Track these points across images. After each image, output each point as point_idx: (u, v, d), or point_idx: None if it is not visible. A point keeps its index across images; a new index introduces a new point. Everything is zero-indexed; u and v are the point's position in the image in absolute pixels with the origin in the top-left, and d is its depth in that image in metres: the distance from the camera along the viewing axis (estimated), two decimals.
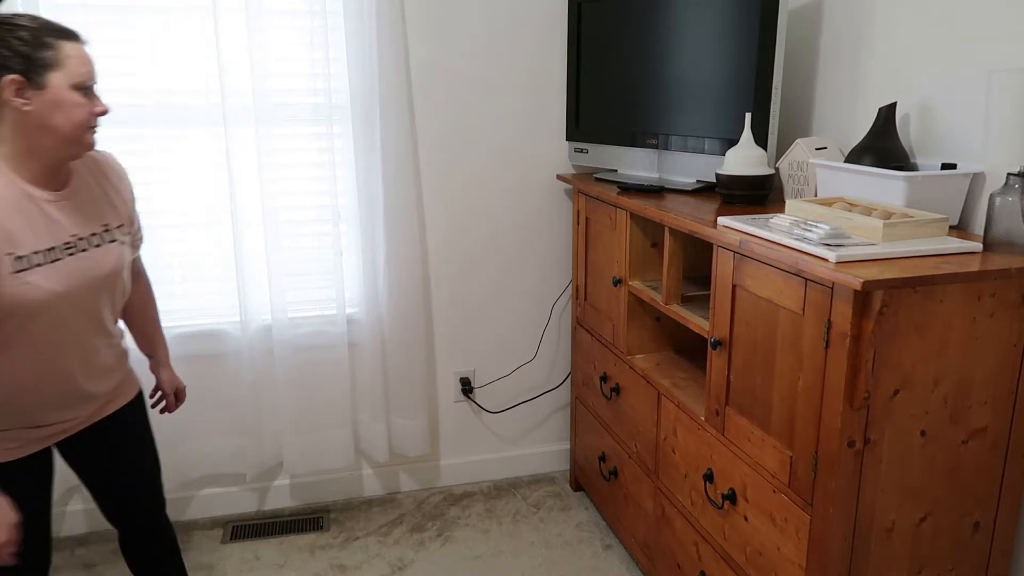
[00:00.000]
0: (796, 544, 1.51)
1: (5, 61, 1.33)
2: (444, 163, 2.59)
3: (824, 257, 1.37)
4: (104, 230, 1.53)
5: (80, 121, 1.40)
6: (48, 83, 1.36)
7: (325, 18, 2.34)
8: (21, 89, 1.34)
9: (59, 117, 1.38)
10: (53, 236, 1.42)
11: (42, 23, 1.39)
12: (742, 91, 2.01)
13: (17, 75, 1.33)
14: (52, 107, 1.37)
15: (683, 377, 2.06)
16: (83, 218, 1.49)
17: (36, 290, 1.39)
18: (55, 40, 1.38)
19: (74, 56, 1.39)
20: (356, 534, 2.56)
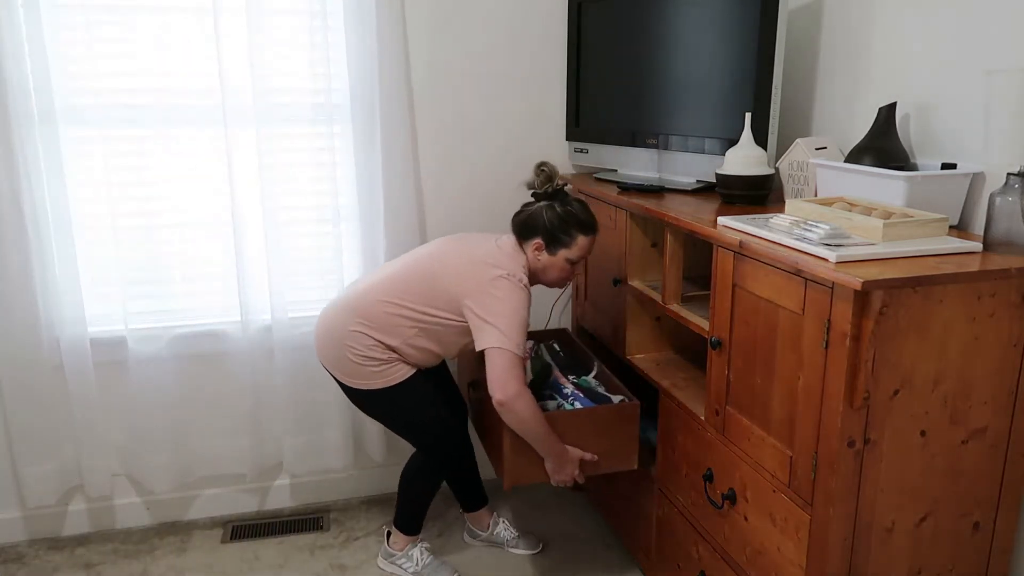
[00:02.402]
0: (796, 544, 1.51)
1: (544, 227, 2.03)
2: (444, 163, 2.59)
3: (824, 257, 1.37)
4: None
5: (561, 278, 2.11)
6: (556, 253, 2.05)
7: (325, 18, 2.34)
8: (540, 248, 2.05)
9: (551, 271, 2.08)
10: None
11: (576, 214, 2.03)
12: (742, 91, 2.00)
13: (542, 239, 2.04)
14: (549, 265, 2.06)
15: (683, 377, 2.06)
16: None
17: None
18: (576, 231, 2.03)
19: (581, 245, 2.04)
20: (356, 534, 2.56)
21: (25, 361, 2.31)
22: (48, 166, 2.22)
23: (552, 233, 2.02)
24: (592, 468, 2.02)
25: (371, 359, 2.04)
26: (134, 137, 2.31)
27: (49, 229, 2.25)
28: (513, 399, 1.87)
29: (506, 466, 2.00)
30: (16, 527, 2.51)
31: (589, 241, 2.04)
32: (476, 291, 1.96)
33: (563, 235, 2.02)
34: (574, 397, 2.10)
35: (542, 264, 2.05)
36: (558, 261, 2.04)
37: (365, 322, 2.03)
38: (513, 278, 1.96)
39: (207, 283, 2.46)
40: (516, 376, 1.89)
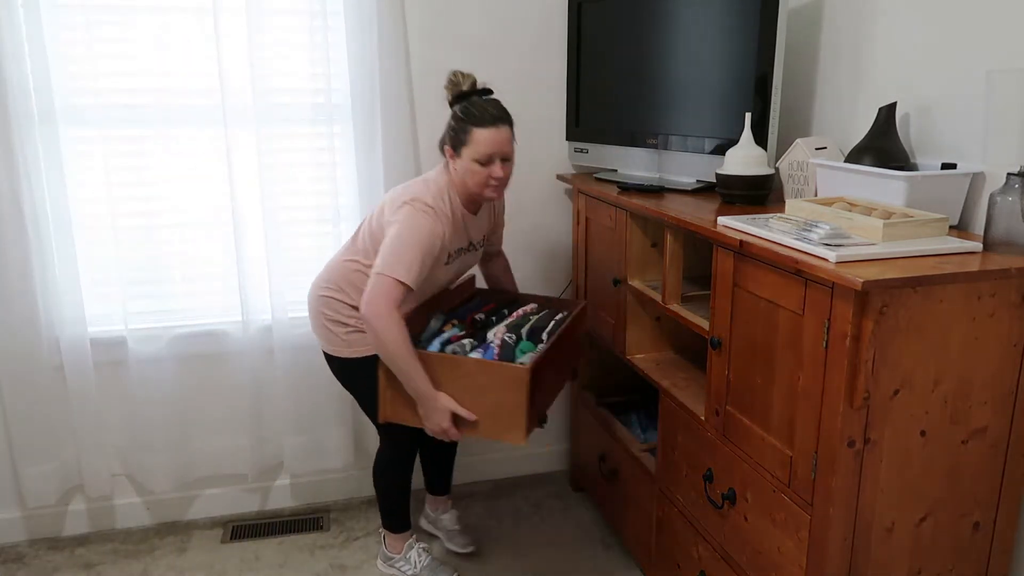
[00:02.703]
0: (796, 544, 1.51)
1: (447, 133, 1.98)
2: None
3: (824, 257, 1.37)
4: (480, 240, 2.15)
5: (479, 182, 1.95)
6: (462, 155, 1.95)
7: (325, 18, 2.34)
8: (451, 154, 1.97)
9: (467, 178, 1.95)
10: (463, 241, 2.06)
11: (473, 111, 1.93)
12: (742, 91, 2.00)
13: (449, 145, 1.97)
14: (463, 170, 1.95)
15: (683, 377, 2.05)
16: (476, 231, 2.11)
17: (444, 274, 2.06)
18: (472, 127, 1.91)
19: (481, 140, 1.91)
20: (356, 534, 2.56)
21: (25, 361, 2.31)
22: (48, 166, 2.22)
23: (452, 134, 1.95)
24: (471, 429, 1.89)
25: (341, 324, 2.06)
26: (134, 137, 2.31)
27: (49, 229, 2.25)
28: (374, 316, 1.82)
29: (380, 397, 1.95)
30: (16, 527, 2.51)
31: (489, 134, 1.90)
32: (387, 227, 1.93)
33: (461, 134, 1.93)
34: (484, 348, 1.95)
35: (459, 174, 1.96)
36: (466, 164, 1.94)
37: (332, 284, 2.06)
38: (416, 203, 1.91)
39: (207, 283, 2.46)
40: (388, 299, 1.83)
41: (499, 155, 1.93)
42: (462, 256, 2.10)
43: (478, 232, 2.12)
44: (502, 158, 1.94)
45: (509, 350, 1.94)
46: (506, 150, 1.94)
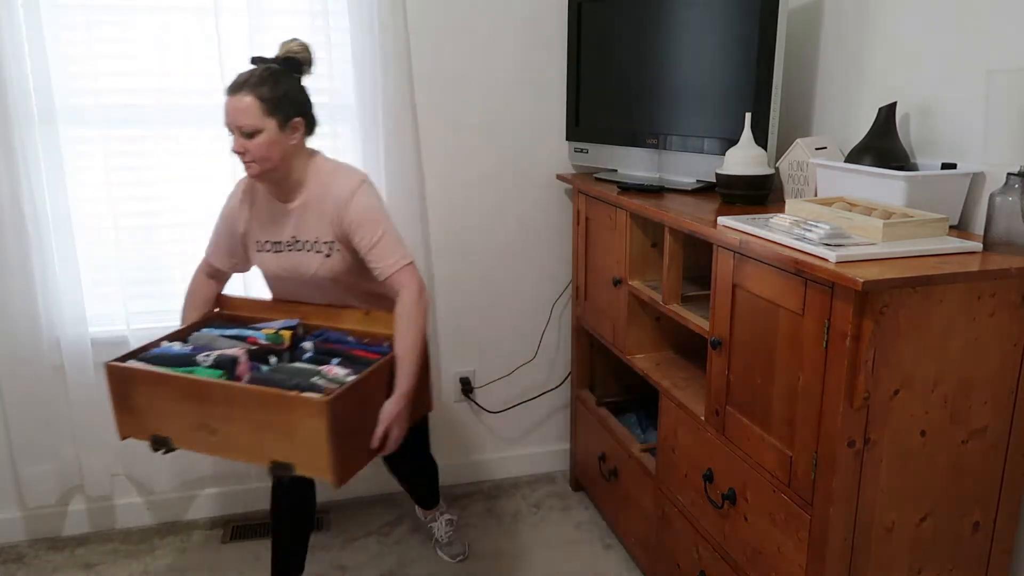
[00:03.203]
0: (796, 544, 1.51)
1: None
2: (445, 163, 2.59)
3: (824, 257, 1.37)
4: (314, 241, 1.89)
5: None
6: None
7: (327, 18, 2.34)
8: None
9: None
10: (280, 233, 1.91)
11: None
12: (742, 91, 2.00)
13: None
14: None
15: (683, 377, 2.06)
16: (303, 227, 1.89)
17: (263, 266, 1.96)
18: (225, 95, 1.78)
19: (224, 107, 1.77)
20: (356, 534, 2.56)
21: (25, 361, 2.31)
22: (48, 166, 2.22)
23: None
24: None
25: None
26: (134, 137, 2.31)
27: (49, 229, 2.25)
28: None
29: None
30: (16, 527, 2.51)
31: (226, 102, 1.76)
32: None
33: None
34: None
35: None
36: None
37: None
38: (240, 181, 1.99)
39: None
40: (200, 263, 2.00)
41: (234, 126, 1.76)
42: (284, 253, 1.91)
43: (297, 230, 1.89)
44: (241, 131, 1.75)
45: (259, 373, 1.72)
46: (241, 122, 1.74)
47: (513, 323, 2.78)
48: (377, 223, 1.84)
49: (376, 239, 1.83)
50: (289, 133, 1.80)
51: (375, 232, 1.83)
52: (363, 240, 1.83)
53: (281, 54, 1.83)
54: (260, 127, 1.75)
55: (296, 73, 1.84)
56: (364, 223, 1.83)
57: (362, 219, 1.83)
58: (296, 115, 1.80)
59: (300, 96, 1.83)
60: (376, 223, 1.84)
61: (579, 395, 2.67)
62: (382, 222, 1.85)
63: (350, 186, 1.84)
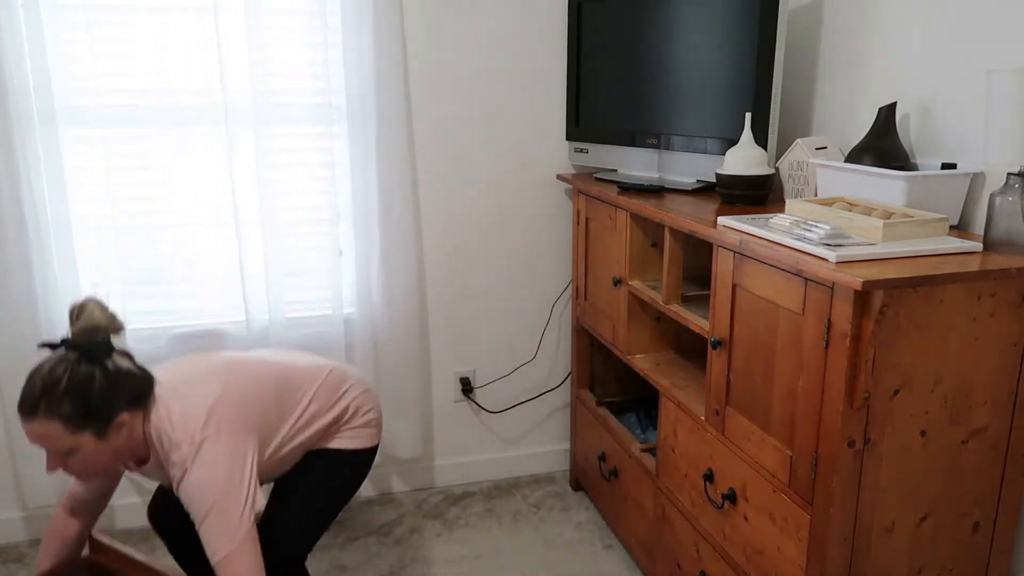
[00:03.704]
0: (796, 544, 1.51)
1: None
2: (443, 163, 2.59)
3: (824, 257, 1.37)
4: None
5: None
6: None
7: (324, 18, 2.34)
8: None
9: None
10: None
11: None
12: (742, 91, 2.01)
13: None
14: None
15: (683, 377, 2.06)
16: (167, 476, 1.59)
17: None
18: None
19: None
20: (356, 534, 2.56)
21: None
22: (48, 166, 2.22)
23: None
24: None
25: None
26: (134, 137, 2.31)
27: (49, 229, 2.25)
28: None
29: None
30: (16, 527, 2.51)
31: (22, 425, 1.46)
32: None
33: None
34: None
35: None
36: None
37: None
38: None
39: (207, 283, 2.46)
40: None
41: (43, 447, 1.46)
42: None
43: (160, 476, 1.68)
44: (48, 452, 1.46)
45: None
46: (48, 446, 1.45)
47: (513, 323, 2.78)
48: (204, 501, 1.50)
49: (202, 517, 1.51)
50: (115, 433, 1.49)
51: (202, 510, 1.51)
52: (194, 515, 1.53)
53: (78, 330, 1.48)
54: (73, 447, 1.45)
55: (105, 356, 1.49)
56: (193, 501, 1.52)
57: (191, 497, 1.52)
58: (118, 413, 1.48)
59: (116, 386, 1.48)
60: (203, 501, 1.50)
61: (579, 395, 2.67)
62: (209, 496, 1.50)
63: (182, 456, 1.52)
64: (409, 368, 2.61)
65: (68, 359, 1.45)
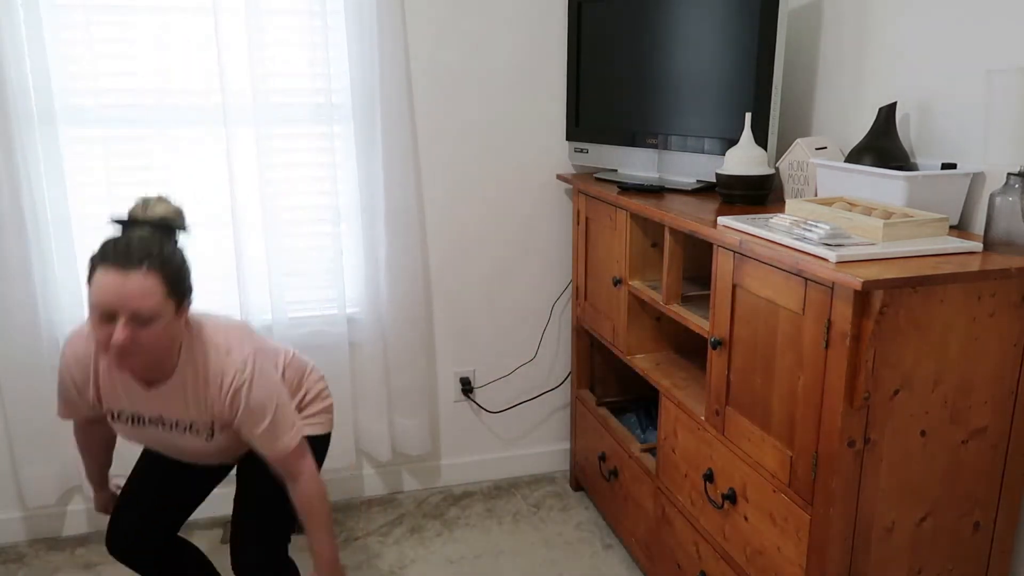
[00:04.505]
0: (796, 544, 1.51)
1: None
2: (444, 162, 2.59)
3: (824, 257, 1.37)
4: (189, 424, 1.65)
5: (99, 343, 1.46)
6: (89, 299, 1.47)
7: (325, 18, 2.34)
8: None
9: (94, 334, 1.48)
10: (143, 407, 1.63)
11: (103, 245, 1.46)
12: (742, 91, 2.00)
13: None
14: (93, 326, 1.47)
15: (683, 377, 2.06)
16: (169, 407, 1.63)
17: (127, 435, 1.71)
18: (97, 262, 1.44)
19: (97, 283, 1.43)
20: (356, 534, 2.56)
21: (25, 361, 2.31)
22: (48, 166, 2.22)
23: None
24: None
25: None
26: (134, 137, 2.31)
27: (49, 229, 2.25)
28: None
29: None
30: (16, 527, 2.51)
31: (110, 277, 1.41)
32: None
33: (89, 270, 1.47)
34: None
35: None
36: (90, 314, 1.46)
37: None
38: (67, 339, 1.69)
39: (207, 283, 2.46)
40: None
41: (124, 310, 1.40)
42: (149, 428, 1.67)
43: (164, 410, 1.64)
44: (133, 317, 1.41)
45: None
46: (137, 306, 1.40)
47: (513, 323, 2.78)
48: (265, 411, 1.61)
49: (265, 426, 1.61)
50: (182, 317, 1.52)
51: (263, 419, 1.61)
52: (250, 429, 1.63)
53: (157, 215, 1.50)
54: (159, 313, 1.43)
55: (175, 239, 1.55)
56: (253, 413, 1.61)
57: (251, 410, 1.60)
58: (190, 293, 1.54)
59: (188, 268, 1.54)
60: (263, 411, 1.61)
61: (579, 395, 2.67)
62: (270, 406, 1.61)
63: (234, 371, 1.59)
64: (416, 366, 2.61)
65: (155, 234, 1.47)
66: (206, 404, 1.62)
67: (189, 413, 1.63)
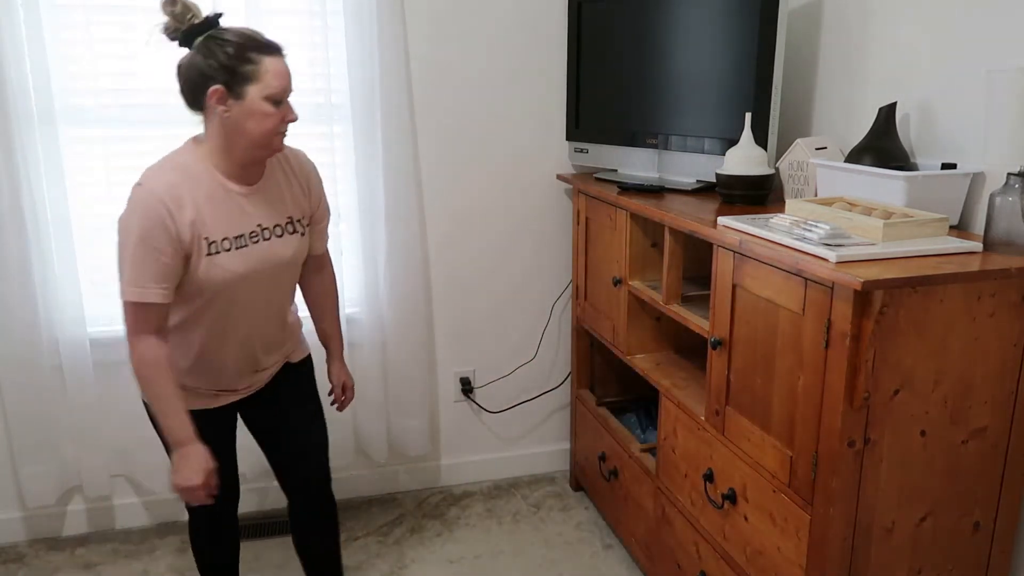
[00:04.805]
0: (796, 544, 1.51)
1: (212, 72, 1.50)
2: (444, 163, 2.59)
3: (824, 257, 1.37)
4: (287, 222, 1.70)
5: (269, 129, 1.55)
6: (246, 94, 1.51)
7: (325, 18, 2.34)
8: (223, 98, 1.51)
9: (252, 124, 1.53)
10: (242, 225, 1.61)
11: (247, 37, 1.53)
12: (742, 91, 2.00)
13: (220, 85, 1.50)
14: (247, 115, 1.52)
15: (683, 377, 2.06)
16: (270, 210, 1.66)
17: (223, 271, 1.59)
18: (257, 55, 1.51)
19: (271, 71, 1.52)
20: (356, 534, 2.56)
21: (25, 361, 2.31)
22: (48, 166, 2.22)
23: (228, 67, 1.50)
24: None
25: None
26: (134, 137, 2.31)
27: (49, 229, 2.25)
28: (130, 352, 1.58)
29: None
30: (16, 527, 2.51)
31: (280, 64, 1.53)
32: None
33: (242, 66, 1.50)
34: None
35: (233, 121, 1.52)
36: (254, 106, 1.51)
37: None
38: (135, 188, 1.54)
39: None
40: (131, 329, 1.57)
41: (287, 93, 1.56)
42: (249, 248, 1.62)
43: (276, 211, 1.67)
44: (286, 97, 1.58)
45: None
46: (290, 86, 1.58)
47: (513, 323, 2.78)
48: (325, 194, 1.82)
49: (328, 211, 1.84)
50: None
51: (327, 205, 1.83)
52: (324, 208, 1.82)
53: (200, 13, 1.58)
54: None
55: None
56: (322, 190, 1.81)
57: (321, 186, 1.80)
58: None
59: None
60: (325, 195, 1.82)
61: (579, 395, 2.67)
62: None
63: (307, 156, 1.78)
64: (417, 366, 2.61)
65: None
66: (304, 189, 1.73)
67: (287, 208, 1.69)
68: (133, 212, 1.52)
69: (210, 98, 1.52)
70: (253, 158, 1.59)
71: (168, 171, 1.55)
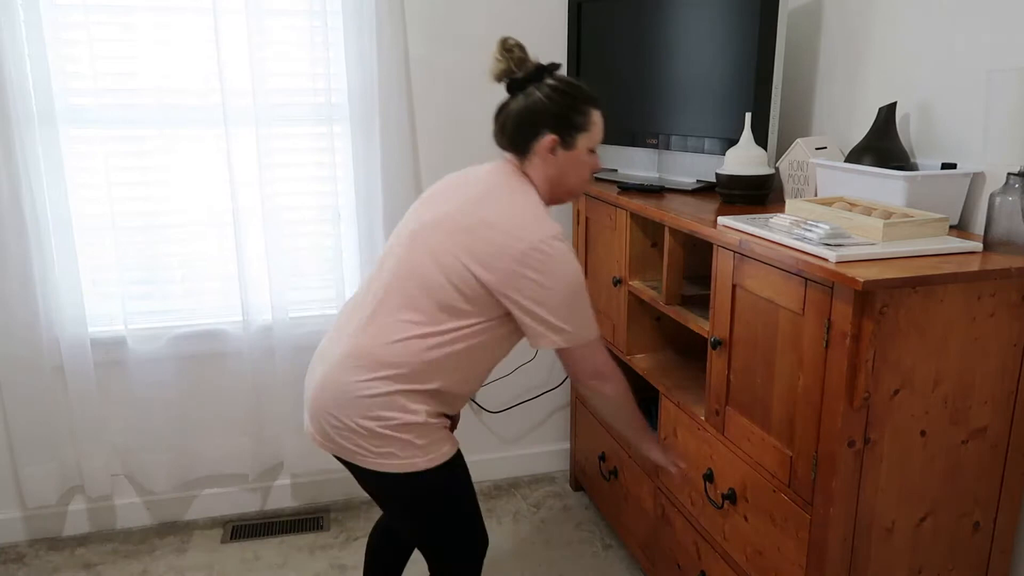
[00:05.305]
0: (796, 544, 1.51)
1: (547, 120, 1.53)
2: (444, 162, 2.59)
3: (824, 257, 1.37)
4: None
5: (586, 178, 1.61)
6: (576, 144, 1.56)
7: (325, 18, 2.34)
8: (555, 146, 1.54)
9: (574, 172, 1.58)
10: None
11: (578, 88, 1.57)
12: (742, 91, 2.01)
13: (555, 135, 1.53)
14: (572, 163, 1.57)
15: (683, 377, 2.05)
16: None
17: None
18: (587, 107, 1.56)
19: (598, 123, 1.59)
20: (356, 534, 2.56)
21: (25, 361, 2.32)
22: (48, 166, 2.22)
23: (564, 117, 1.52)
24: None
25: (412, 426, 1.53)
26: (134, 137, 2.31)
27: (49, 229, 2.26)
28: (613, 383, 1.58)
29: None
30: (16, 527, 2.51)
31: (601, 116, 1.59)
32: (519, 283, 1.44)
33: (577, 117, 1.53)
34: None
35: (559, 168, 1.54)
36: (579, 156, 1.55)
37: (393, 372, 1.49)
38: (551, 241, 1.45)
39: (207, 283, 2.46)
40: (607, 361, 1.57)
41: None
42: None
43: None
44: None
45: None
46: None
47: None
48: None
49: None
50: None
51: None
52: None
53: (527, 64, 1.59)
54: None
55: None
56: None
57: None
58: None
59: None
60: None
61: (579, 395, 2.67)
62: None
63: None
64: None
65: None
66: None
67: None
68: (568, 262, 1.48)
69: (544, 145, 1.54)
70: (560, 201, 1.64)
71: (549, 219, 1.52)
